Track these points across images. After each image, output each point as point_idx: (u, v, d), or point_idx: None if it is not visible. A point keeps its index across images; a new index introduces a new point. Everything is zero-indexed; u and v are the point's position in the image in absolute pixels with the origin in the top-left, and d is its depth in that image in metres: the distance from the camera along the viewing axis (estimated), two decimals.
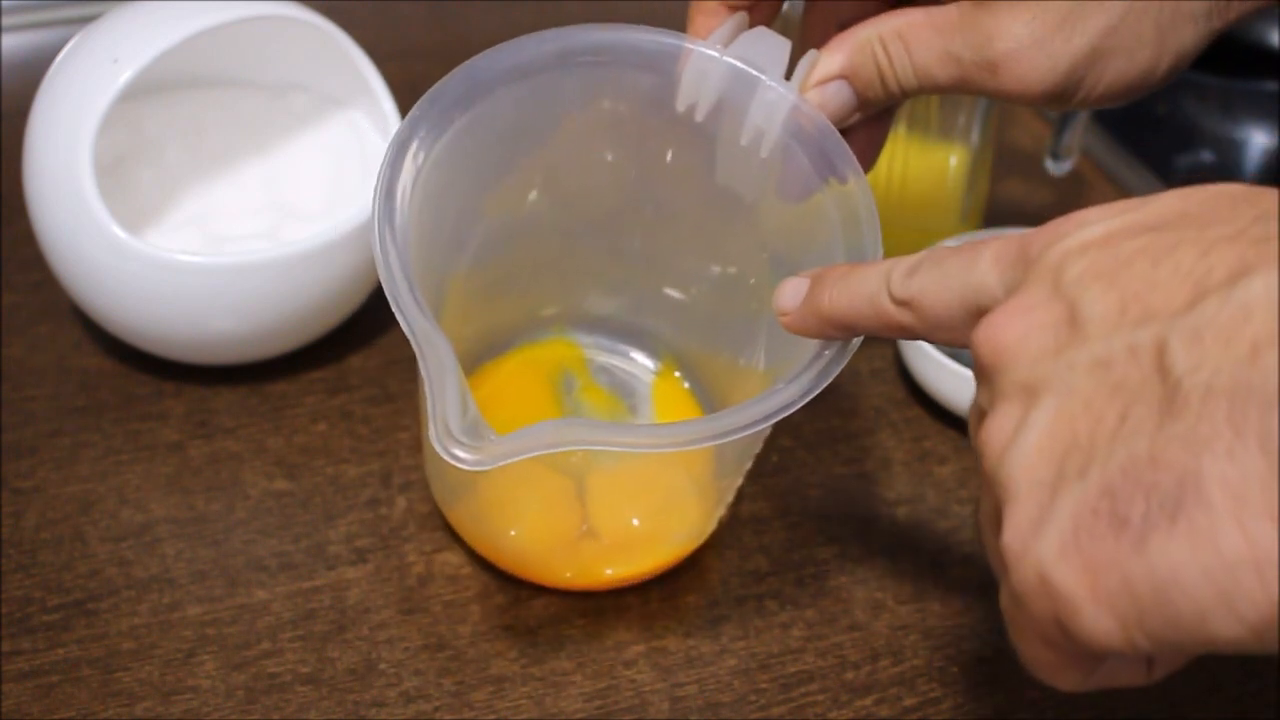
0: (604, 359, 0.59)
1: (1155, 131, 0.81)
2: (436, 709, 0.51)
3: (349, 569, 0.55)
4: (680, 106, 0.49)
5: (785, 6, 0.51)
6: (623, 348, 0.59)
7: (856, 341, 0.44)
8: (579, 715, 0.51)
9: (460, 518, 0.54)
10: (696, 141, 0.50)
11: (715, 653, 0.53)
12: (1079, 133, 0.69)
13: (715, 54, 0.48)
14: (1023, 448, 0.33)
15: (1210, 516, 0.29)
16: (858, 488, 0.59)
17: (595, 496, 0.53)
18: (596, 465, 0.53)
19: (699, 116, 0.49)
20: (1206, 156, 0.82)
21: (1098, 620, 0.31)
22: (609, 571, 0.54)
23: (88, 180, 0.57)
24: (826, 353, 0.44)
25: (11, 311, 0.66)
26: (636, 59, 0.49)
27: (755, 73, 0.48)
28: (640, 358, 0.59)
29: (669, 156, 0.53)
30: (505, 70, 0.49)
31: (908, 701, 0.52)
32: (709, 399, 0.57)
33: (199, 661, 0.51)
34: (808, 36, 0.50)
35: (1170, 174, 0.78)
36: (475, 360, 0.57)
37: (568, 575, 0.54)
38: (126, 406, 0.61)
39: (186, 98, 0.66)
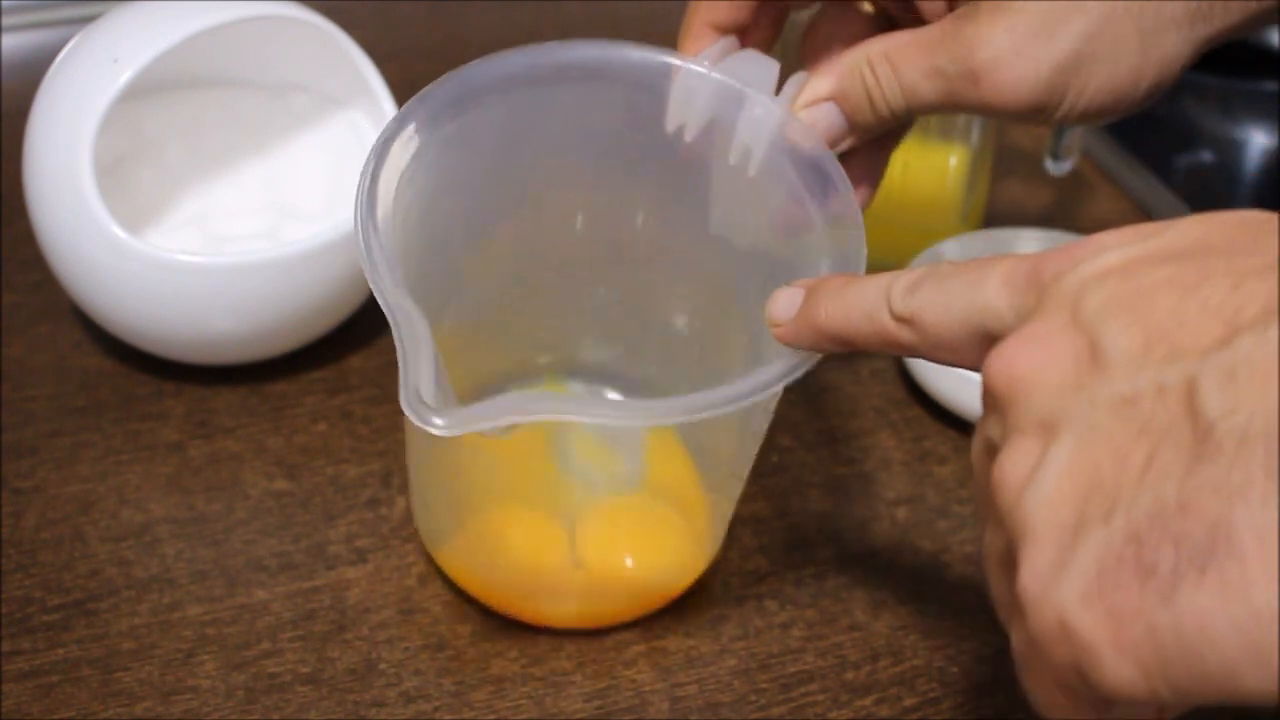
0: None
1: (1155, 132, 0.80)
2: (436, 709, 0.51)
3: (349, 569, 0.55)
4: (670, 126, 0.49)
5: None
6: (615, 395, 0.58)
7: None
8: (579, 715, 0.51)
9: (448, 557, 0.54)
10: (689, 172, 0.50)
11: (715, 653, 0.53)
12: (1079, 133, 0.69)
13: (703, 71, 0.48)
14: (1042, 486, 0.32)
15: (1243, 568, 0.28)
16: (858, 488, 0.59)
17: (587, 536, 0.52)
18: (588, 505, 0.53)
19: (689, 136, 0.49)
20: (1206, 157, 0.82)
21: (1120, 669, 0.30)
22: (598, 610, 0.53)
23: (88, 180, 0.57)
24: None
25: (11, 311, 0.66)
26: (627, 76, 0.49)
27: (743, 88, 0.48)
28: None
29: (658, 186, 0.52)
30: (495, 80, 0.48)
31: (908, 701, 0.52)
32: (702, 449, 0.55)
33: (199, 661, 0.51)
34: (804, 64, 0.50)
35: (1170, 174, 0.78)
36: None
37: (556, 614, 0.53)
38: (126, 406, 0.61)
39: (186, 98, 0.66)
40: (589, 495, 0.53)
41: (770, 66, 0.48)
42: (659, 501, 0.54)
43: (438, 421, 0.39)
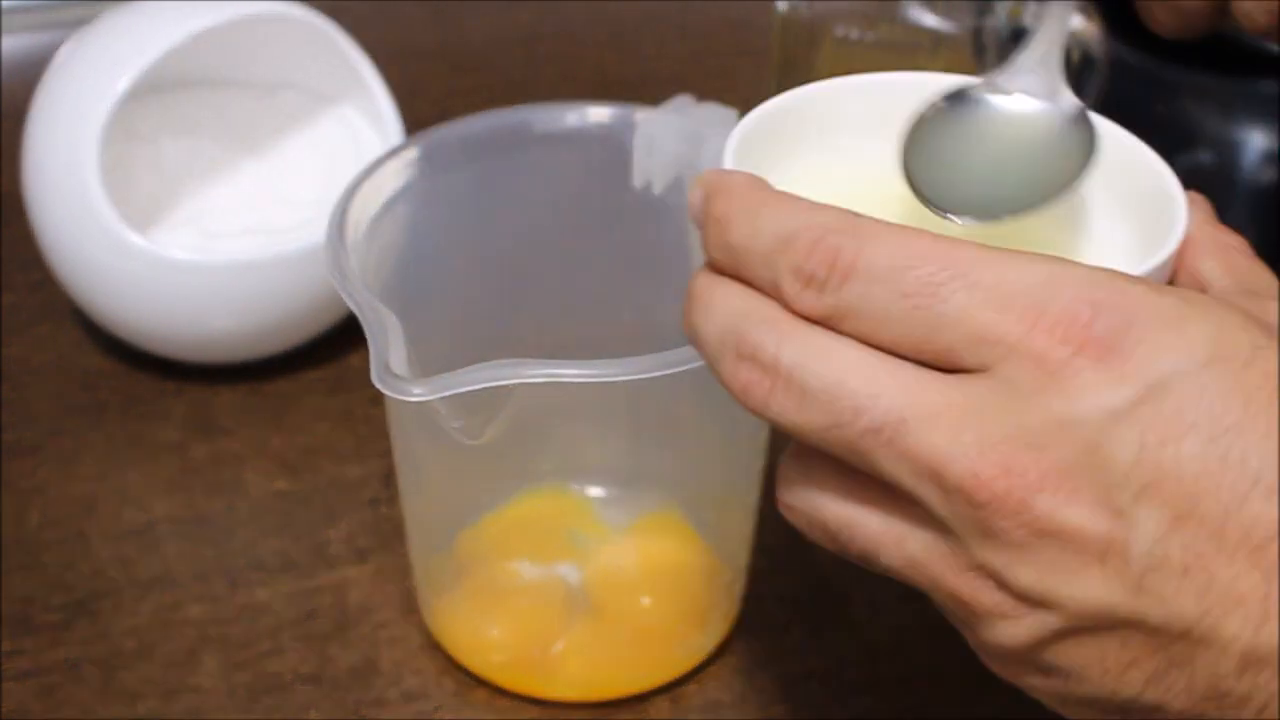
0: (610, 512, 0.54)
1: (1155, 131, 0.81)
2: (437, 709, 0.51)
3: (350, 568, 0.55)
4: (637, 181, 0.49)
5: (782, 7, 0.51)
6: (619, 492, 0.55)
7: None
8: (579, 715, 0.51)
9: (439, 616, 0.52)
10: (662, 227, 0.50)
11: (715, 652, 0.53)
12: None
13: (662, 119, 0.48)
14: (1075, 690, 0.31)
15: None
16: None
17: (597, 578, 0.51)
18: (600, 543, 0.52)
19: (657, 189, 0.49)
20: (1206, 157, 0.82)
21: None
22: (606, 676, 0.51)
23: (93, 180, 0.57)
24: None
25: (11, 311, 0.66)
26: (594, 135, 0.49)
27: (702, 129, 0.48)
28: (637, 501, 0.54)
29: (639, 250, 0.52)
30: (460, 143, 0.49)
31: (908, 701, 0.52)
32: (715, 535, 0.53)
33: (200, 661, 0.52)
34: None
35: None
36: (464, 519, 0.54)
37: (554, 686, 0.51)
38: (127, 406, 0.61)
39: (183, 98, 0.66)
40: (600, 531, 0.53)
41: (729, 113, 0.49)
42: (669, 527, 0.53)
43: (415, 390, 0.39)
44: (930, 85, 0.39)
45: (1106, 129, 0.39)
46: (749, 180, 0.33)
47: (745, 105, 0.51)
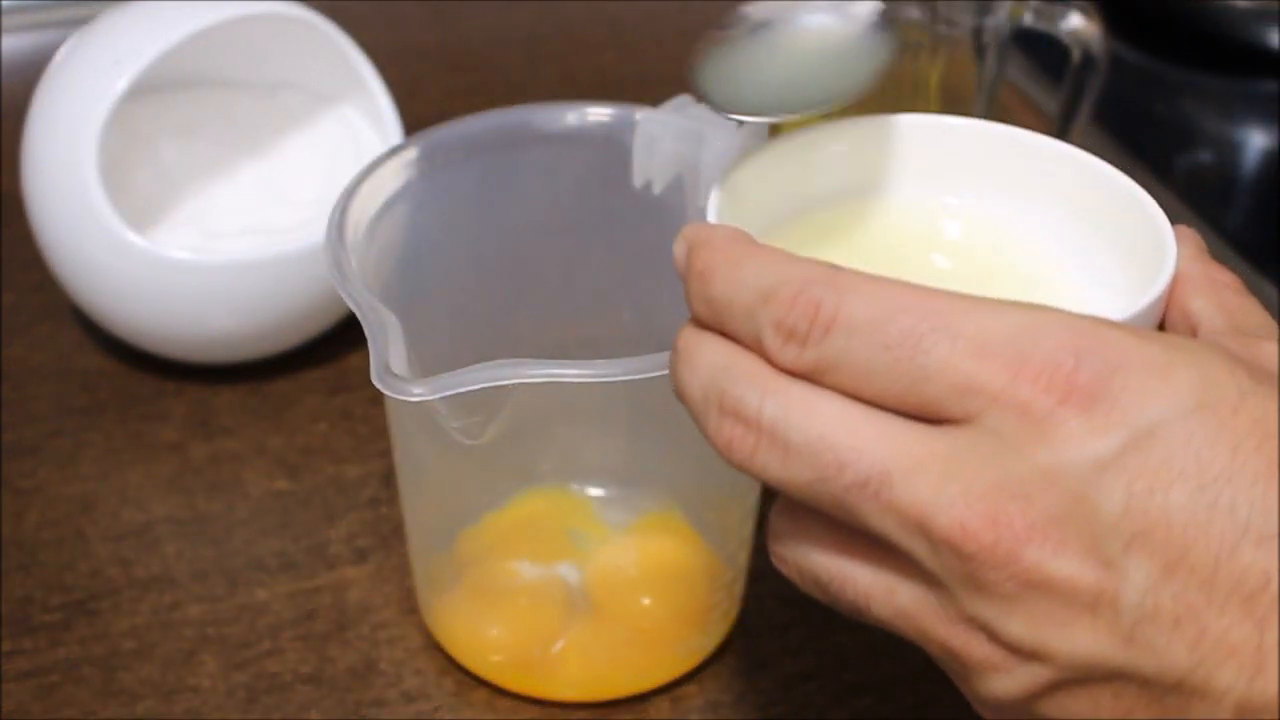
0: (610, 512, 0.54)
1: (1155, 131, 0.81)
2: (436, 709, 0.51)
3: (350, 568, 0.55)
4: (637, 181, 0.49)
5: None
6: (619, 492, 0.55)
7: None
8: (579, 715, 0.51)
9: (438, 616, 0.52)
10: (662, 227, 0.50)
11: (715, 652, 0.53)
12: (1079, 132, 0.69)
13: (663, 118, 0.48)
14: None
15: None
16: None
17: (597, 578, 0.51)
18: (600, 543, 0.52)
19: (657, 189, 0.49)
20: (1206, 157, 0.82)
21: None
22: (607, 674, 0.51)
23: (92, 179, 0.57)
24: None
25: (11, 311, 0.66)
26: (594, 135, 0.49)
27: (702, 128, 0.48)
28: (637, 501, 0.54)
29: (639, 250, 0.52)
30: (460, 143, 0.49)
31: (908, 701, 0.52)
32: (715, 535, 0.53)
33: (200, 661, 0.52)
34: None
35: (1169, 174, 0.78)
36: (467, 517, 0.53)
37: (553, 686, 0.51)
38: (127, 406, 0.61)
39: (182, 98, 0.66)
40: (601, 530, 0.53)
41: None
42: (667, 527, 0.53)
43: (415, 390, 0.39)
44: (905, 124, 0.40)
45: (1095, 166, 0.39)
46: (731, 234, 0.33)
47: None
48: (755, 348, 0.31)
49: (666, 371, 0.40)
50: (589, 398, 0.49)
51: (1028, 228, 0.40)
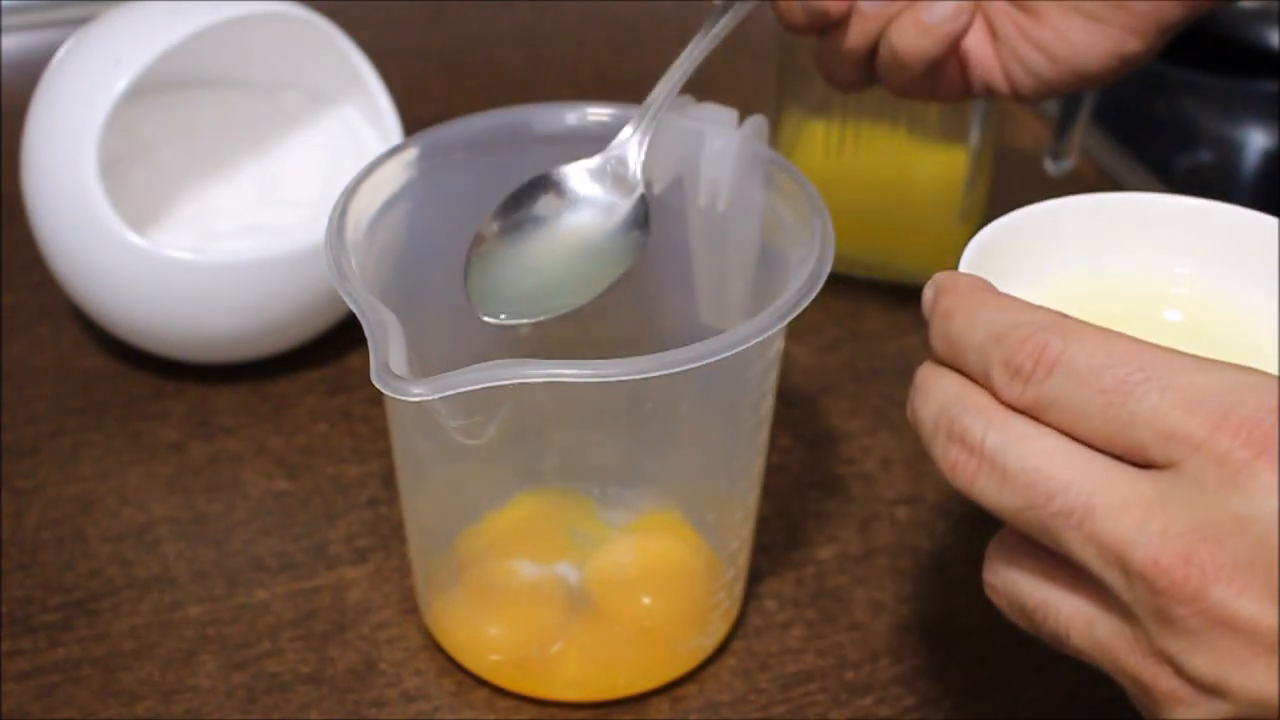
0: (610, 512, 0.54)
1: (1155, 131, 0.81)
2: (436, 709, 0.51)
3: (349, 569, 0.55)
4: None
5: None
6: (619, 492, 0.55)
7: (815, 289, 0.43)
8: (579, 715, 0.51)
9: (438, 616, 0.52)
10: (662, 227, 0.50)
11: (715, 652, 0.53)
12: (1079, 132, 0.69)
13: (661, 119, 0.48)
14: None
15: None
16: (858, 488, 0.59)
17: (597, 577, 0.51)
18: (600, 543, 0.52)
19: (657, 189, 0.49)
20: (1206, 157, 0.82)
21: None
22: (605, 674, 0.51)
23: (92, 180, 0.57)
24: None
25: (11, 311, 0.66)
26: (594, 135, 0.49)
27: (702, 127, 0.48)
28: (637, 501, 0.54)
29: (640, 247, 0.52)
30: (460, 143, 0.50)
31: (908, 701, 0.52)
32: (715, 535, 0.53)
33: (199, 661, 0.52)
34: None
35: (1170, 174, 0.78)
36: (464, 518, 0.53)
37: (553, 686, 0.51)
38: (127, 406, 0.61)
39: (181, 98, 0.66)
40: (602, 530, 0.53)
41: (729, 113, 0.49)
42: (666, 525, 0.53)
43: (415, 390, 0.39)
44: (1154, 204, 0.43)
45: None
46: (974, 281, 0.36)
47: (745, 105, 0.51)
48: (984, 383, 0.35)
49: (667, 371, 0.40)
50: (589, 398, 0.50)
51: (1252, 300, 0.42)
